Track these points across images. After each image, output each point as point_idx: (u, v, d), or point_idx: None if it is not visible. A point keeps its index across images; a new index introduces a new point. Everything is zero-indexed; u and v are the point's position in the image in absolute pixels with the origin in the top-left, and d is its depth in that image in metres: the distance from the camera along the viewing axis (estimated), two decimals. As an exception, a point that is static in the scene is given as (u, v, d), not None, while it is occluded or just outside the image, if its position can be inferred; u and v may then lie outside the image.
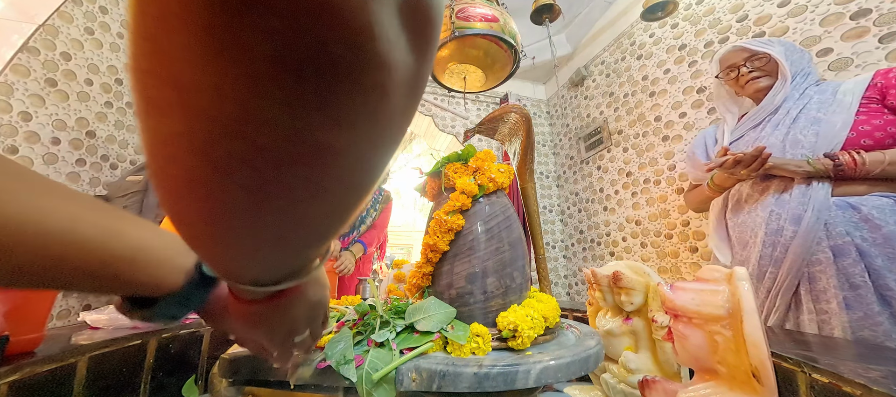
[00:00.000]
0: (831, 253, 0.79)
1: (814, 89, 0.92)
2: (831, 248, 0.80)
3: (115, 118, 1.68)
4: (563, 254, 2.91)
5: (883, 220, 0.76)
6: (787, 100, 0.93)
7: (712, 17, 1.90)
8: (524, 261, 0.55)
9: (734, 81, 1.04)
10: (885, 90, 0.83)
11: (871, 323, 0.73)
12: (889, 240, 0.75)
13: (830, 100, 0.88)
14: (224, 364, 0.48)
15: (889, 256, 0.74)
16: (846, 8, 1.40)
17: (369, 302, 0.52)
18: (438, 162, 0.60)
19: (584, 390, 0.61)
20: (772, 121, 0.95)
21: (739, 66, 1.01)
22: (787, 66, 0.93)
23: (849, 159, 0.79)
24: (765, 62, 0.97)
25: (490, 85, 1.67)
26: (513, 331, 0.44)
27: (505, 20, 1.44)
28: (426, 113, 2.93)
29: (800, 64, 0.95)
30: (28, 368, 0.40)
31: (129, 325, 0.60)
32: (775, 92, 0.95)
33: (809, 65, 0.96)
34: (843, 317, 0.76)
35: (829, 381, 0.38)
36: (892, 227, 0.75)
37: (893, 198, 0.78)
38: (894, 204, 0.77)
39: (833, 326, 0.77)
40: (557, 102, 3.19)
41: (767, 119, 0.96)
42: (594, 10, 2.60)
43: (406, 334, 0.46)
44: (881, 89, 0.83)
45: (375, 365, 0.40)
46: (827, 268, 0.79)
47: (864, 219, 0.78)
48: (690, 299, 0.38)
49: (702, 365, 0.39)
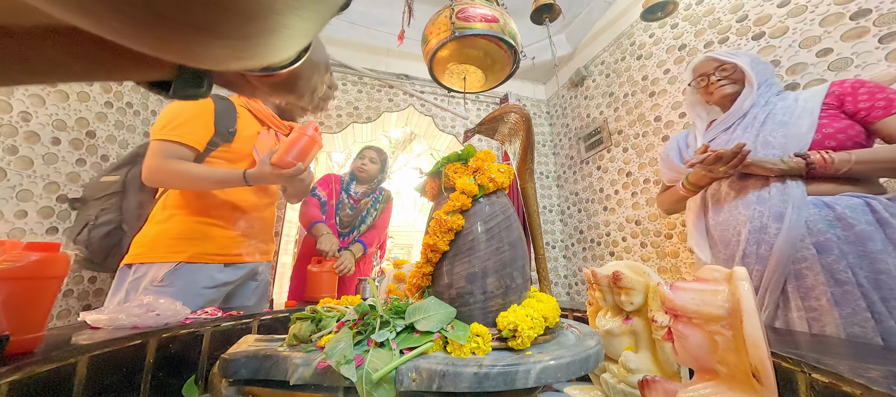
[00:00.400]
0: (815, 249, 0.82)
1: (776, 98, 1.00)
2: (814, 245, 0.82)
3: (115, 118, 1.69)
4: (563, 254, 2.91)
5: (855, 219, 0.80)
6: (754, 106, 1.01)
7: (712, 18, 1.90)
8: (524, 261, 0.55)
9: (704, 89, 1.13)
10: (842, 98, 0.91)
11: (861, 319, 0.75)
12: (861, 238, 0.78)
13: (793, 106, 0.95)
14: (224, 364, 0.48)
15: (859, 254, 0.78)
16: (846, 8, 1.40)
17: (369, 302, 0.52)
18: (438, 162, 0.60)
19: (584, 390, 0.61)
20: (741, 124, 1.02)
21: (709, 74, 1.10)
22: (753, 75, 1.01)
23: (819, 158, 0.85)
24: (732, 71, 1.06)
25: (490, 85, 1.67)
26: (513, 331, 0.44)
27: (505, 20, 1.44)
28: (426, 113, 2.93)
29: (764, 74, 1.03)
30: (28, 368, 0.40)
31: (130, 325, 0.60)
32: (744, 97, 1.03)
33: (772, 76, 1.05)
34: (834, 314, 0.77)
35: (829, 381, 0.38)
36: (863, 226, 0.79)
37: (863, 198, 0.82)
38: (864, 204, 0.81)
39: (824, 323, 0.78)
40: (557, 102, 3.19)
41: (737, 122, 1.04)
42: (594, 10, 2.60)
43: (406, 334, 0.46)
44: (838, 97, 0.92)
45: (375, 365, 0.40)
46: (813, 265, 0.81)
47: (838, 217, 0.81)
48: (690, 299, 0.38)
49: (702, 365, 0.39)
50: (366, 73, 2.78)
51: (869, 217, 0.79)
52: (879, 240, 0.77)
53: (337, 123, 2.71)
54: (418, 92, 2.94)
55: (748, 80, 1.02)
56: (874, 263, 0.76)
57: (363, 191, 1.86)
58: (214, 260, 1.06)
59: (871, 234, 0.78)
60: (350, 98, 2.79)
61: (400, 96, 2.90)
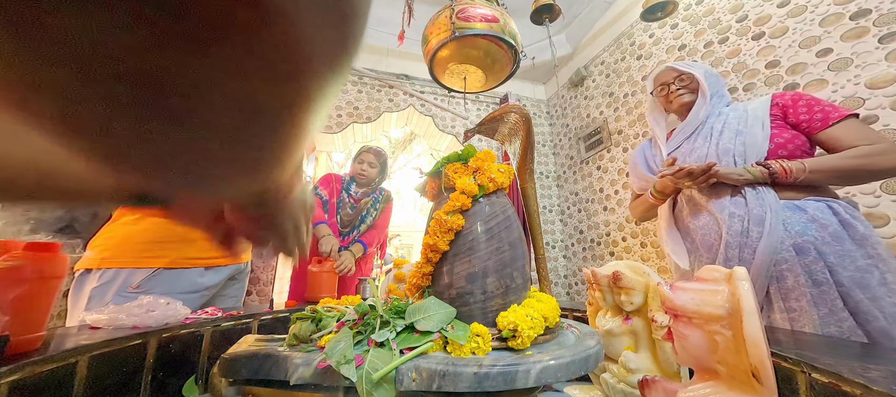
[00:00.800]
0: (794, 251, 0.83)
1: (726, 109, 1.07)
2: (794, 247, 0.83)
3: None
4: (562, 254, 2.91)
5: (827, 221, 0.83)
6: (709, 117, 1.07)
7: (712, 18, 1.90)
8: (524, 261, 0.55)
9: (665, 98, 1.18)
10: (786, 110, 0.96)
11: (837, 319, 0.75)
12: (837, 238, 0.81)
13: (744, 115, 1.01)
14: (224, 364, 0.48)
15: (838, 254, 0.80)
16: (846, 8, 1.40)
17: (369, 302, 0.52)
18: (438, 162, 0.60)
19: (583, 390, 0.61)
20: (701, 133, 1.07)
21: (669, 83, 1.16)
22: (706, 86, 1.07)
23: (779, 168, 0.88)
24: (689, 82, 1.13)
25: (490, 85, 1.67)
26: (513, 331, 0.44)
27: (505, 21, 1.44)
28: (426, 113, 2.93)
29: (716, 86, 1.10)
30: (28, 368, 0.40)
31: (130, 325, 0.60)
32: (698, 107, 1.09)
33: (723, 88, 1.12)
34: (813, 315, 0.77)
35: (829, 381, 0.38)
36: (835, 227, 0.82)
37: (825, 202, 0.86)
38: (827, 207, 0.85)
39: (803, 324, 0.78)
40: (557, 102, 3.20)
41: (697, 131, 1.09)
42: (594, 10, 2.60)
43: (406, 334, 0.46)
44: (782, 108, 0.97)
45: (375, 365, 0.40)
46: (793, 266, 0.82)
47: (812, 219, 0.84)
48: (690, 299, 0.38)
49: (701, 365, 0.39)
50: (366, 73, 2.78)
51: (835, 218, 0.83)
52: (848, 240, 0.81)
53: (337, 123, 2.71)
54: (418, 92, 2.94)
55: (701, 91, 1.09)
56: (855, 261, 0.78)
57: (363, 191, 1.86)
58: (196, 264, 1.02)
59: (842, 235, 0.81)
60: (350, 98, 2.79)
61: (400, 96, 2.90)
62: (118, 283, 0.92)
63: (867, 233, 0.81)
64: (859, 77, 1.33)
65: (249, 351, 0.48)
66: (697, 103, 1.10)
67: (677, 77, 1.15)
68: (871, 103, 1.30)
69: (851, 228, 0.82)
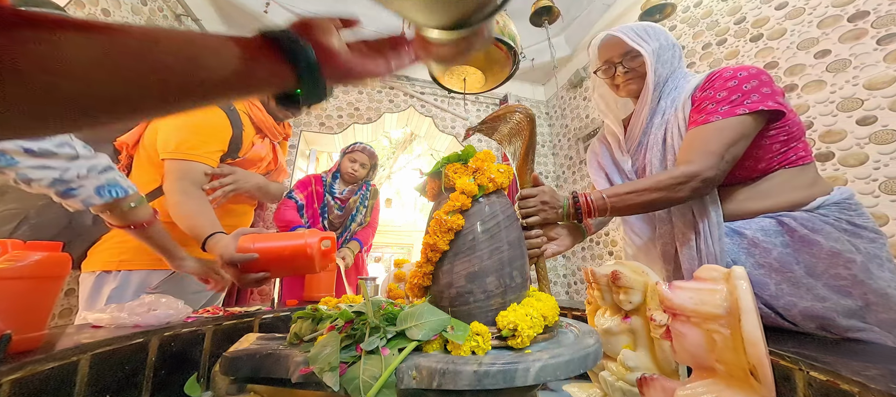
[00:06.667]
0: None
1: (670, 108, 0.85)
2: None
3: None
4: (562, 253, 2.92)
5: (770, 243, 0.70)
6: (655, 115, 0.87)
7: (710, 20, 1.91)
8: (524, 261, 0.55)
9: (611, 80, 0.94)
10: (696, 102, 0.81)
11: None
12: (783, 264, 0.68)
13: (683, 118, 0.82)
14: (226, 362, 0.48)
15: (778, 284, 0.68)
16: (844, 10, 1.40)
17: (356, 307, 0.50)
18: (438, 162, 0.60)
19: (582, 388, 0.61)
20: (647, 143, 0.88)
21: (616, 63, 0.91)
22: (652, 76, 0.84)
23: (582, 201, 0.76)
24: (640, 63, 0.87)
25: (490, 86, 1.68)
26: (512, 330, 0.44)
27: (504, 22, 1.44)
28: (426, 114, 2.94)
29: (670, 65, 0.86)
30: (30, 366, 0.40)
31: (131, 324, 0.60)
32: (642, 105, 0.88)
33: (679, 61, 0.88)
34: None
35: (827, 379, 0.38)
36: (780, 249, 0.69)
37: (774, 217, 0.72)
38: (777, 224, 0.71)
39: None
40: (556, 103, 3.20)
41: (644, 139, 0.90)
42: (593, 12, 2.61)
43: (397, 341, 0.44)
44: (696, 100, 0.81)
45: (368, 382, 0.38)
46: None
47: (752, 243, 0.72)
48: (688, 298, 0.39)
49: (700, 363, 0.39)
50: (366, 74, 2.78)
51: (784, 238, 0.70)
52: (798, 265, 0.67)
53: (338, 124, 2.72)
54: (418, 93, 2.95)
55: (646, 83, 0.86)
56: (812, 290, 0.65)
57: (350, 189, 1.81)
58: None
59: (790, 260, 0.68)
60: (350, 99, 2.79)
61: (400, 97, 2.91)
62: (135, 284, 0.96)
63: (840, 247, 0.65)
64: (858, 78, 1.34)
65: (251, 350, 0.49)
66: (640, 100, 0.88)
67: (624, 54, 0.88)
68: (869, 104, 1.31)
69: (808, 243, 0.67)
